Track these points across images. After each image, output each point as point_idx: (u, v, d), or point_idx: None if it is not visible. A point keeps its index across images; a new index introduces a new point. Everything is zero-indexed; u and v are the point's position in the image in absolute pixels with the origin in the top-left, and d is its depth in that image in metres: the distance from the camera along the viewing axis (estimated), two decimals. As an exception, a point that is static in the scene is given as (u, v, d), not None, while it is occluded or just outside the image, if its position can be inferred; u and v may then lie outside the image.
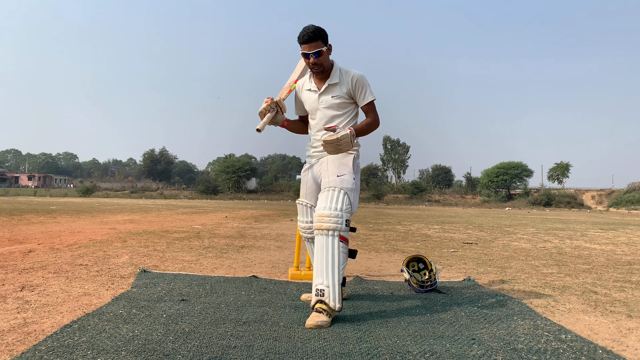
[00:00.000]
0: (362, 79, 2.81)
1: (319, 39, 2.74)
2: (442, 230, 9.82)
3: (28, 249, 4.95)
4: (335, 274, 2.50)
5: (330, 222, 2.54)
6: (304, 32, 2.74)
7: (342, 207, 2.58)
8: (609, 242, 7.76)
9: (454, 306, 2.92)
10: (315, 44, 2.73)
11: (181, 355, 1.91)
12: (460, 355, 2.02)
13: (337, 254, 2.52)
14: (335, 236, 2.54)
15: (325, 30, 2.78)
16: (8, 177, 73.58)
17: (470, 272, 4.32)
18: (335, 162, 2.77)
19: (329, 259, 2.52)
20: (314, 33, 2.72)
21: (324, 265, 2.52)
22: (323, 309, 2.45)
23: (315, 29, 2.73)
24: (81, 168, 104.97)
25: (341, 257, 2.54)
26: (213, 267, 4.20)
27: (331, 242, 2.54)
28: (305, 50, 2.76)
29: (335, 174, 2.71)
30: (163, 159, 68.66)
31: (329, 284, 2.49)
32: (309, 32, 2.72)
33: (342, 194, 2.62)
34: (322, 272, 2.52)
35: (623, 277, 4.19)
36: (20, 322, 2.32)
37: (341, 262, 2.53)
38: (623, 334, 2.42)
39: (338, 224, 2.54)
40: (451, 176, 63.82)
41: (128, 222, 9.78)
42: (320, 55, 2.74)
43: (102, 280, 3.40)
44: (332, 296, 2.47)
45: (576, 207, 38.86)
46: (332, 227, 2.54)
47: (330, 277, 2.50)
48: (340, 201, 2.59)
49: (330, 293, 2.47)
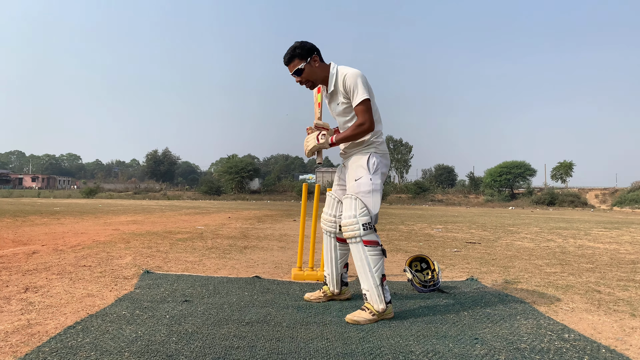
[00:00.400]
0: (353, 77, 2.68)
1: (295, 57, 2.74)
2: (445, 229, 9.81)
3: (32, 250, 4.96)
4: (370, 277, 2.58)
5: (348, 231, 2.63)
6: (284, 56, 2.78)
7: (355, 214, 2.62)
8: (613, 241, 7.74)
9: (457, 306, 2.92)
10: (292, 65, 2.75)
11: (184, 356, 1.91)
12: (463, 354, 2.02)
13: (365, 258, 2.59)
14: (358, 242, 2.61)
15: (303, 45, 2.74)
16: (12, 178, 73.83)
17: (474, 271, 4.31)
18: (353, 165, 2.78)
19: (362, 264, 2.60)
20: (288, 54, 2.75)
21: (360, 271, 2.61)
22: (368, 308, 2.57)
23: (290, 50, 2.75)
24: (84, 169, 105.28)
25: (370, 260, 2.59)
26: (216, 268, 4.21)
27: (357, 249, 2.61)
28: (289, 72, 2.79)
29: (353, 178, 2.73)
30: (166, 160, 68.80)
31: (368, 287, 2.58)
32: (286, 55, 2.76)
33: (355, 200, 2.65)
34: (362, 277, 2.62)
35: (627, 276, 4.18)
36: (24, 323, 2.33)
37: (372, 264, 2.59)
38: (627, 333, 2.41)
39: (355, 231, 2.60)
40: (454, 176, 63.77)
41: (131, 223, 9.81)
42: (302, 73, 2.75)
43: (105, 282, 3.41)
44: (373, 298, 2.56)
45: (580, 206, 38.75)
46: (351, 235, 2.62)
47: (367, 281, 2.59)
48: (354, 207, 2.64)
49: (370, 296, 2.57)
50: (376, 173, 2.73)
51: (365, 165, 2.72)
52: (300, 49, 2.73)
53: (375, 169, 2.73)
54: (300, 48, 2.74)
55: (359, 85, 2.65)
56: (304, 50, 2.74)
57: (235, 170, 50.38)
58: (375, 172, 2.73)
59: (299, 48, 2.73)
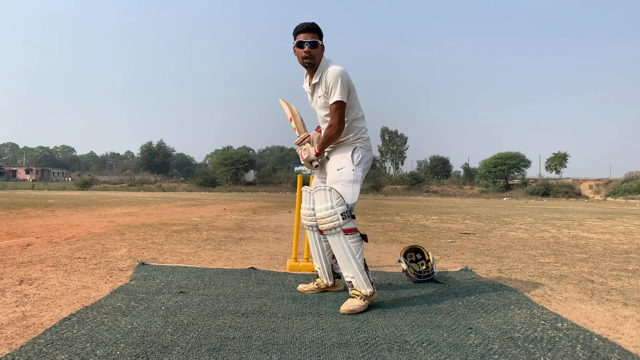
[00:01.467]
0: (334, 74, 2.71)
1: (316, 32, 2.78)
2: (440, 220, 9.85)
3: (26, 242, 4.95)
4: (354, 264, 2.61)
5: (327, 222, 2.62)
6: (302, 24, 2.78)
7: (332, 204, 2.62)
8: (606, 231, 7.79)
9: (451, 296, 2.94)
10: (312, 35, 2.76)
11: (180, 347, 1.92)
12: (458, 344, 2.03)
13: (347, 247, 2.61)
14: (338, 232, 2.61)
15: (321, 30, 2.82)
16: (6, 170, 73.38)
17: (468, 262, 4.34)
18: (337, 156, 2.83)
19: (344, 253, 2.62)
20: (313, 25, 2.78)
21: (343, 259, 2.63)
22: (356, 294, 2.60)
23: (314, 23, 2.78)
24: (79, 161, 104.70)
25: (353, 247, 2.61)
26: (211, 259, 4.21)
27: (337, 239, 2.62)
28: (301, 39, 2.76)
29: (335, 167, 2.78)
30: (161, 152, 68.45)
31: (353, 274, 2.61)
32: (308, 24, 2.77)
33: (328, 192, 2.65)
34: (345, 266, 2.63)
35: (620, 265, 4.21)
36: (19, 315, 2.33)
37: (355, 252, 2.61)
38: (619, 322, 2.44)
39: (334, 221, 2.60)
40: (449, 167, 63.78)
41: (126, 215, 9.78)
42: (315, 47, 2.76)
43: (100, 273, 3.41)
44: (359, 283, 2.60)
45: (574, 196, 38.96)
46: (330, 226, 2.61)
47: (352, 269, 2.61)
48: (329, 198, 2.64)
49: (357, 282, 2.61)
50: (359, 165, 2.79)
51: (349, 157, 2.78)
52: (320, 30, 2.82)
53: (359, 162, 2.80)
54: (320, 29, 2.81)
55: (338, 85, 2.69)
56: (321, 33, 2.83)
57: (230, 162, 50.27)
58: (359, 165, 2.79)
59: (320, 28, 2.81)
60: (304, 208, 3.05)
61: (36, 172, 74.05)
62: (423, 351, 1.94)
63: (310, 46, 2.75)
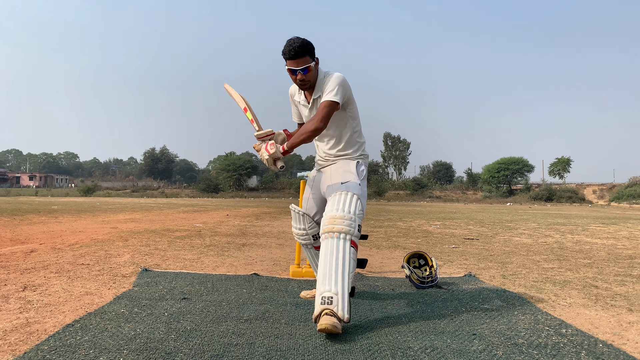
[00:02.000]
0: (333, 78, 2.55)
1: (306, 53, 2.51)
2: (443, 226, 9.83)
3: (30, 249, 4.96)
4: (345, 280, 2.26)
5: (343, 225, 2.35)
6: (290, 47, 2.49)
7: (355, 211, 2.41)
8: (610, 236, 7.76)
9: (455, 302, 2.93)
10: (303, 60, 2.51)
11: (183, 354, 1.92)
12: (461, 350, 2.02)
13: (347, 258, 2.31)
14: (347, 240, 2.34)
15: (312, 44, 2.56)
16: (9, 177, 73.60)
17: (471, 267, 4.32)
18: (339, 170, 2.65)
19: (339, 263, 2.29)
20: (301, 47, 2.49)
21: (332, 270, 2.28)
22: (333, 313, 2.19)
23: (302, 43, 2.49)
24: (82, 167, 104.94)
25: (351, 263, 2.32)
26: (214, 266, 4.21)
27: (342, 246, 2.33)
28: (292, 67, 2.53)
29: (339, 181, 2.56)
30: (164, 158, 68.69)
31: (338, 291, 2.23)
32: (296, 47, 2.48)
33: (354, 198, 2.46)
34: (331, 278, 2.27)
35: (624, 271, 4.19)
36: (22, 322, 2.33)
37: (351, 268, 2.32)
38: (624, 328, 2.42)
39: (351, 227, 2.36)
40: (452, 172, 63.78)
41: (129, 221, 9.80)
42: (308, 72, 2.54)
43: (103, 280, 3.41)
44: (340, 305, 2.21)
45: (577, 201, 38.85)
46: (345, 230, 2.35)
47: (340, 284, 2.25)
48: (354, 205, 2.43)
49: (339, 301, 2.21)
50: (363, 181, 2.64)
51: (354, 171, 2.63)
52: (311, 46, 2.54)
53: (363, 177, 2.66)
54: (310, 45, 2.54)
55: (337, 87, 2.52)
56: (313, 48, 2.56)
57: (233, 168, 50.41)
58: (363, 180, 2.64)
59: (309, 45, 2.53)
60: (295, 228, 2.94)
61: (40, 178, 74.26)
62: (427, 357, 1.94)
63: (303, 73, 2.53)
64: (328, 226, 2.37)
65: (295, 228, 2.95)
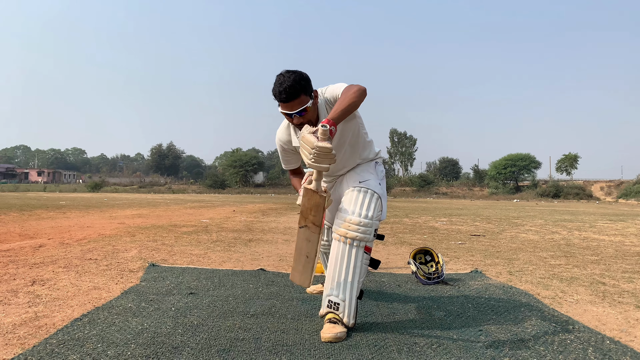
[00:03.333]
0: (330, 89, 2.30)
1: (300, 92, 2.17)
2: (449, 222, 9.80)
3: (38, 244, 5.00)
4: (354, 288, 2.19)
5: (358, 232, 2.18)
6: (280, 88, 2.15)
7: (373, 215, 2.21)
8: (618, 233, 7.71)
9: (461, 298, 2.93)
10: (298, 101, 2.17)
11: (190, 348, 1.93)
12: (468, 346, 2.02)
13: (359, 266, 2.20)
14: (360, 247, 2.19)
15: (305, 76, 2.21)
16: (18, 173, 74.20)
17: (478, 264, 4.31)
18: (357, 170, 2.45)
19: (349, 271, 2.19)
20: (292, 88, 2.14)
21: (342, 277, 2.19)
22: (337, 319, 2.17)
23: (293, 82, 2.14)
24: (90, 163, 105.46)
25: (362, 269, 2.22)
26: (221, 261, 4.23)
27: (354, 254, 2.19)
28: (286, 110, 2.20)
29: (357, 180, 2.34)
30: (171, 154, 68.93)
31: (345, 298, 2.18)
32: (287, 88, 2.14)
33: (374, 197, 2.26)
34: (339, 284, 2.19)
35: (632, 268, 4.17)
36: (31, 316, 2.35)
37: (362, 275, 2.22)
38: (631, 325, 2.41)
39: (367, 234, 2.19)
40: (458, 168, 63.46)
41: (137, 216, 9.85)
42: (305, 113, 2.20)
43: (111, 274, 3.43)
44: (347, 312, 2.18)
45: (585, 198, 38.60)
46: (359, 237, 2.18)
47: (348, 292, 2.18)
48: (373, 207, 2.23)
49: (345, 308, 2.18)
50: (383, 180, 2.45)
51: (372, 171, 2.44)
52: (305, 82, 2.19)
53: (382, 177, 2.47)
54: (304, 80, 2.19)
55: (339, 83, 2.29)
56: (308, 83, 2.22)
57: (239, 164, 50.51)
58: (383, 180, 2.45)
59: (302, 80, 2.18)
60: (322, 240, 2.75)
61: (48, 174, 74.76)
62: (433, 353, 1.94)
63: (299, 115, 2.20)
64: (342, 230, 2.20)
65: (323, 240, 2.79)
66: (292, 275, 2.34)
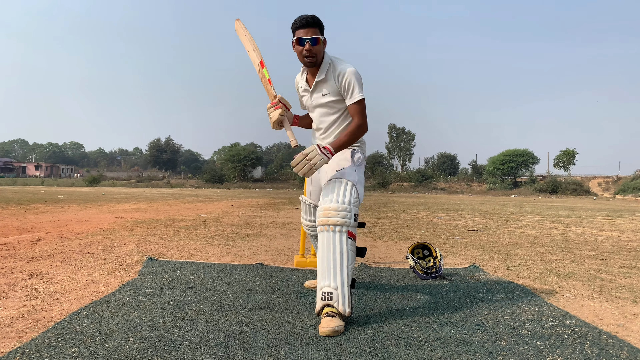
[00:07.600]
0: (351, 74, 2.48)
1: (317, 26, 2.50)
2: (447, 217, 9.82)
3: (36, 237, 4.99)
4: (344, 275, 2.24)
5: (338, 217, 2.28)
6: (301, 18, 2.50)
7: (349, 200, 2.32)
8: (615, 228, 7.74)
9: (459, 292, 2.93)
10: (312, 30, 2.48)
11: (188, 342, 1.93)
12: (465, 340, 2.03)
13: (345, 252, 2.26)
14: (343, 232, 2.27)
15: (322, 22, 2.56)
16: (15, 166, 73.96)
17: (475, 259, 4.32)
18: (335, 159, 2.53)
19: (337, 258, 2.25)
20: (312, 19, 2.49)
21: (330, 265, 2.25)
22: (334, 313, 2.19)
23: (313, 16, 2.51)
24: (88, 157, 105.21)
25: (350, 255, 2.28)
26: (219, 255, 4.23)
27: (339, 239, 2.27)
28: (301, 36, 2.48)
29: (334, 169, 2.48)
30: (169, 148, 68.81)
31: (337, 286, 2.22)
32: (308, 18, 2.49)
33: (349, 185, 2.37)
34: (329, 273, 2.25)
35: (629, 263, 4.18)
36: (29, 309, 2.35)
37: (350, 261, 2.27)
38: (628, 320, 2.42)
39: (346, 219, 2.28)
40: (457, 164, 63.54)
41: (135, 210, 9.84)
42: (316, 44, 2.48)
43: (109, 268, 3.43)
44: (341, 300, 2.21)
45: (582, 194, 38.70)
46: (340, 222, 2.27)
47: (339, 279, 2.23)
48: (348, 193, 2.34)
49: (339, 296, 2.21)
50: (360, 167, 2.54)
51: (349, 159, 2.52)
52: (322, 23, 2.54)
53: (360, 163, 2.56)
54: (321, 22, 2.53)
55: (357, 84, 2.48)
56: (323, 26, 2.55)
57: (237, 159, 50.43)
58: (359, 166, 2.54)
59: (321, 21, 2.53)
60: (304, 219, 2.95)
61: (45, 168, 74.55)
62: (430, 347, 1.94)
63: (312, 43, 2.47)
64: (323, 219, 2.31)
65: (304, 219, 2.98)
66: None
